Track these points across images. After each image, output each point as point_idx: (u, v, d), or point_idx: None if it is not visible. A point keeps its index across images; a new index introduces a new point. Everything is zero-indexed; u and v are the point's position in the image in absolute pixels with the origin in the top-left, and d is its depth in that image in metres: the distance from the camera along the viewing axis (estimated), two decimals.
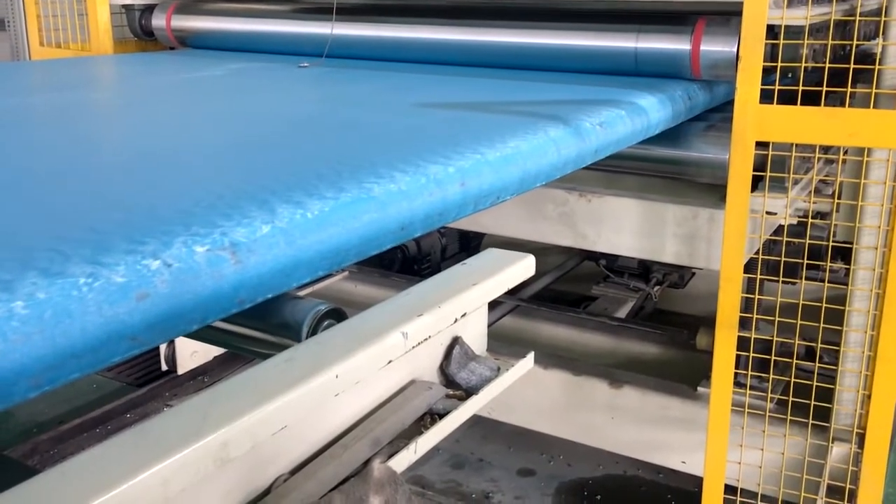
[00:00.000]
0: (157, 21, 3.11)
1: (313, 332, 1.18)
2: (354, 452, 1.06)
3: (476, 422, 2.96)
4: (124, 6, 3.16)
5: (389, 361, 1.10)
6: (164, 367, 3.52)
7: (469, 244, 3.91)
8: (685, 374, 2.63)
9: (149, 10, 3.17)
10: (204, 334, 1.26)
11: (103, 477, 0.82)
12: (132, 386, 3.52)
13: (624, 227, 2.38)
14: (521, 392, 2.67)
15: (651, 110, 1.96)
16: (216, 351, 3.53)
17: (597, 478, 2.93)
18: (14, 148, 1.45)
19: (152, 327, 0.79)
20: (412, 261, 3.68)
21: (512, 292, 1.85)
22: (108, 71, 2.79)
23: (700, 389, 2.48)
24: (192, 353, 3.49)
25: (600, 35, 2.36)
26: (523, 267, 1.41)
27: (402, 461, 1.12)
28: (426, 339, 1.17)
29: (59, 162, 1.33)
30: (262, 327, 1.22)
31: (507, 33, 2.53)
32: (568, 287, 3.68)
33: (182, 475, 0.82)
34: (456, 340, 1.29)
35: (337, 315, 1.21)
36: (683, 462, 2.52)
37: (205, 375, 3.56)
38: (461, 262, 1.38)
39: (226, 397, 0.91)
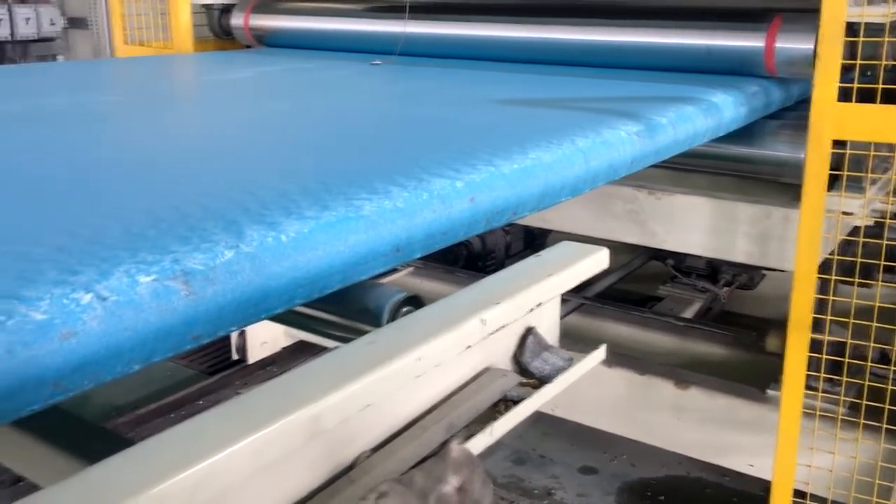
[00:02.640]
0: (236, 20, 3.21)
1: (392, 318, 1.22)
2: (432, 434, 1.10)
3: (538, 419, 2.97)
4: (204, 6, 3.27)
5: (468, 347, 1.13)
6: (235, 357, 3.62)
7: (534, 241, 3.92)
8: (753, 377, 2.59)
9: (227, 9, 3.28)
10: (285, 318, 1.31)
11: (200, 445, 0.85)
12: (204, 374, 3.63)
13: (694, 225, 2.37)
14: (585, 390, 2.67)
15: (724, 108, 1.95)
16: (285, 341, 3.62)
17: (660, 478, 2.91)
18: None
19: (80, 370, 0.70)
20: (476, 257, 3.70)
21: (576, 290, 1.85)
22: (180, 68, 2.89)
23: (769, 392, 2.45)
24: (262, 343, 3.58)
25: (674, 32, 2.36)
26: (597, 259, 1.43)
27: (476, 445, 1.15)
28: (502, 327, 1.20)
29: (27, 172, 1.23)
30: (342, 312, 1.26)
31: (579, 31, 2.54)
32: (633, 287, 3.66)
33: (276, 445, 0.85)
34: (530, 330, 1.31)
35: (415, 302, 1.24)
36: (751, 465, 2.49)
37: (274, 365, 3.65)
38: (536, 254, 1.40)
39: (317, 374, 0.94)
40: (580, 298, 3.16)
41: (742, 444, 2.49)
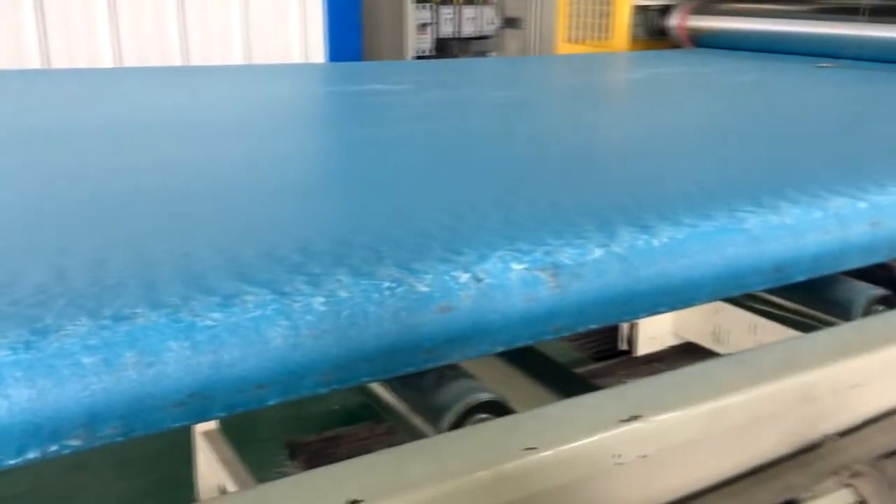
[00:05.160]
0: (672, 21, 3.31)
1: (865, 313, 1.21)
2: None
3: None
4: (642, 7, 3.43)
5: None
6: (622, 347, 3.72)
7: None
8: None
9: (663, 11, 3.40)
10: (742, 301, 1.36)
11: (699, 389, 0.90)
12: (591, 359, 3.78)
13: None
14: None
15: None
16: (673, 340, 3.64)
17: None
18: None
19: (451, 342, 0.75)
20: None
21: None
22: (628, 64, 3.06)
23: None
24: (651, 338, 3.64)
25: None
26: None
27: None
28: None
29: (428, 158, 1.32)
30: (808, 302, 1.27)
31: None
32: None
33: (772, 401, 0.91)
34: None
35: (888, 301, 1.22)
36: None
37: (660, 362, 3.69)
38: None
39: (813, 343, 0.99)
40: None
41: None
